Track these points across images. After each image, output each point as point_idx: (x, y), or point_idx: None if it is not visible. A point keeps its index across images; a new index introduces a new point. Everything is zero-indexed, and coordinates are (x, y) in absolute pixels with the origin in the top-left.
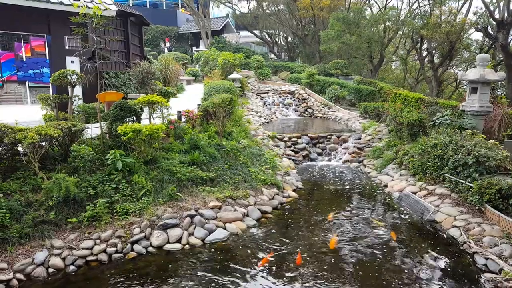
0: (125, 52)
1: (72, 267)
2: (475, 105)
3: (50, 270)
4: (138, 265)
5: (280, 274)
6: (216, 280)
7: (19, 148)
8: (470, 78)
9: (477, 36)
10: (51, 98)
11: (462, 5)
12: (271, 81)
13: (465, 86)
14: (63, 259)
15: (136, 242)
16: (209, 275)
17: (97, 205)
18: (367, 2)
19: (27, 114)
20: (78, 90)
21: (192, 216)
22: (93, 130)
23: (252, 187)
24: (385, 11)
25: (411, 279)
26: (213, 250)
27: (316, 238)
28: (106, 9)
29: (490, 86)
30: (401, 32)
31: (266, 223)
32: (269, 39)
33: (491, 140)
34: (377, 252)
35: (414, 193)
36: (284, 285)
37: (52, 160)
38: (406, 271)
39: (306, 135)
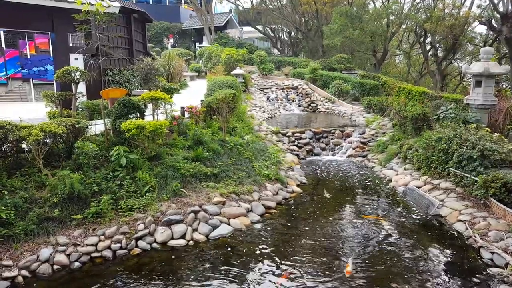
0: (128, 48)
1: (77, 264)
2: (480, 99)
3: (55, 266)
4: (142, 261)
5: (283, 269)
6: (220, 276)
7: (24, 145)
8: (474, 71)
9: (481, 29)
10: (55, 95)
11: None
12: (274, 76)
13: (469, 80)
14: (68, 255)
15: (140, 238)
16: (213, 271)
17: (102, 202)
18: None
19: (31, 111)
20: (82, 87)
21: (196, 212)
22: (97, 126)
23: (256, 182)
24: (388, 5)
25: (417, 274)
26: (217, 246)
27: (320, 233)
28: (109, 6)
29: (495, 79)
30: (404, 26)
31: (270, 219)
32: (272, 34)
33: (496, 134)
34: (382, 247)
35: (419, 187)
36: (287, 280)
37: (57, 157)
38: (411, 266)
39: (310, 130)
